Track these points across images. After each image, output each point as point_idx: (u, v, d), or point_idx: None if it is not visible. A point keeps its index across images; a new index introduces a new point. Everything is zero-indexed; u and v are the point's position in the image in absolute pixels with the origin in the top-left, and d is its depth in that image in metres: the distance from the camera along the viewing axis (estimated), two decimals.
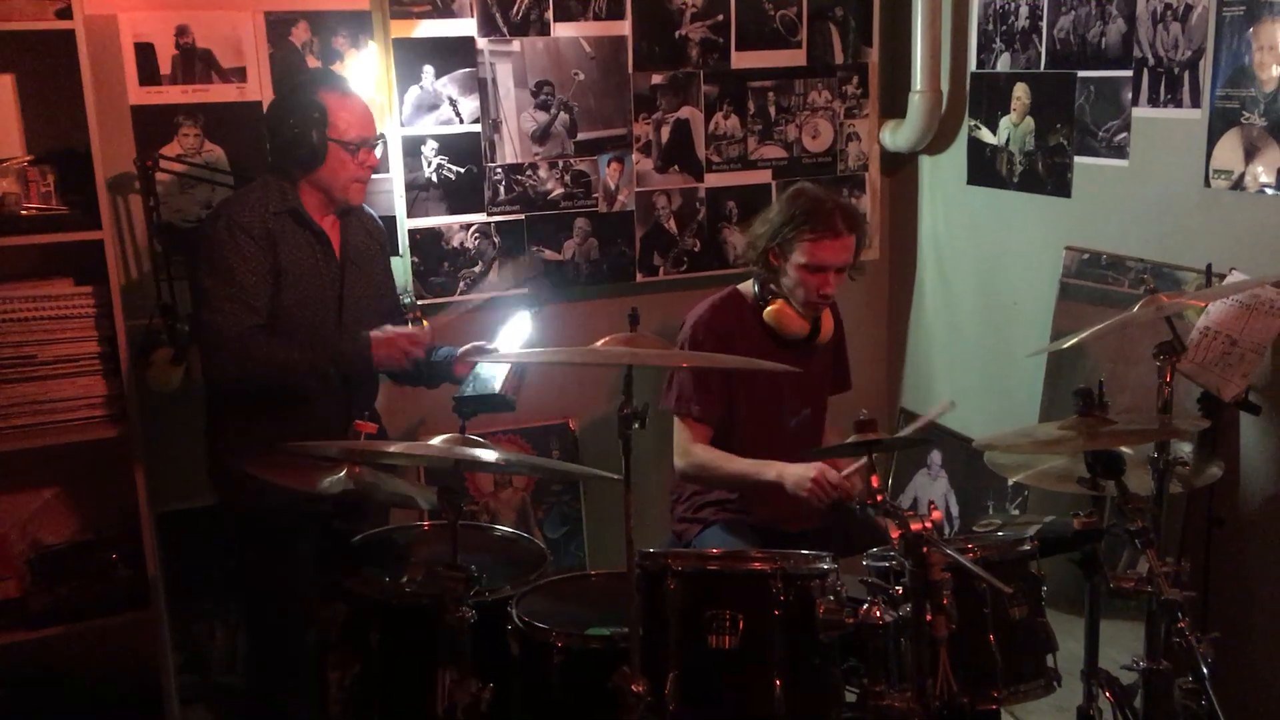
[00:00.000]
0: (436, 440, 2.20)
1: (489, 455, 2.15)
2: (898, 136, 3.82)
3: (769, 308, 2.99)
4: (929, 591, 1.89)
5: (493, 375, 2.86)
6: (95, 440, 2.93)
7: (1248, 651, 2.84)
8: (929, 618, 1.91)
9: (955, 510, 3.83)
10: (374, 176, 3.31)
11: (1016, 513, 3.46)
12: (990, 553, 2.19)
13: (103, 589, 3.00)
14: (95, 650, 3.08)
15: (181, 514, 3.24)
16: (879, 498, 2.00)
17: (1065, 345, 2.30)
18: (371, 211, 3.06)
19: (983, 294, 3.72)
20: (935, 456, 3.92)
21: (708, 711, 2.06)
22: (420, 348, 2.80)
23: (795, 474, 2.78)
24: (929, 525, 1.90)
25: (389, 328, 2.81)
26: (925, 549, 1.89)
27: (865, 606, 2.01)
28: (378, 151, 2.87)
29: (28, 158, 2.94)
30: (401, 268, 3.44)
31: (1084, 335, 2.28)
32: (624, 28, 3.51)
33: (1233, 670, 2.84)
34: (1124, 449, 2.39)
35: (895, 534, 1.91)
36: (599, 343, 2.04)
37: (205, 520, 3.12)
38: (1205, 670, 2.15)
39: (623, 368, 1.99)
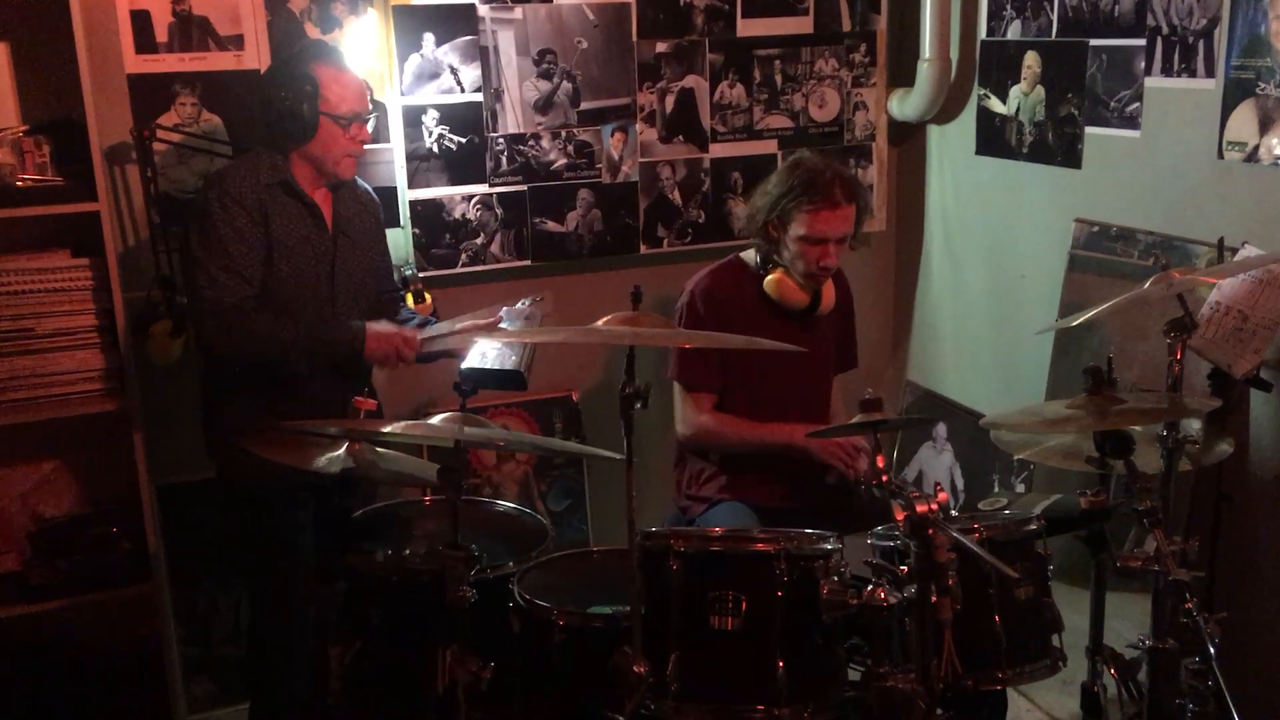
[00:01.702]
0: (438, 419, 2.18)
1: (490, 434, 2.12)
2: (906, 106, 3.76)
3: (769, 277, 2.96)
4: (934, 573, 1.87)
5: (506, 351, 2.81)
6: (94, 414, 2.91)
7: (1253, 629, 2.82)
8: (934, 599, 1.88)
9: (960, 484, 3.81)
10: (374, 147, 3.31)
11: (1022, 489, 3.44)
12: (996, 533, 2.17)
13: (103, 562, 2.97)
14: (97, 623, 3.07)
15: (182, 486, 3.22)
16: (884, 478, 1.98)
17: (1075, 323, 2.27)
18: (366, 185, 3.02)
19: (991, 266, 3.67)
20: (940, 430, 3.89)
21: (710, 692, 2.04)
22: (412, 351, 2.76)
23: (807, 434, 2.78)
24: (934, 507, 1.87)
25: (385, 323, 2.78)
26: (931, 531, 1.87)
27: (870, 588, 1.99)
28: (370, 126, 2.83)
29: (23, 128, 2.90)
30: (403, 239, 3.40)
31: (1094, 312, 2.24)
32: None
33: (1238, 647, 2.82)
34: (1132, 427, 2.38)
35: (900, 515, 1.88)
36: (601, 321, 2.01)
37: (206, 492, 3.09)
38: (1212, 650, 2.13)
39: (624, 346, 1.95)
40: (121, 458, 2.97)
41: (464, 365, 2.84)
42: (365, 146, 2.86)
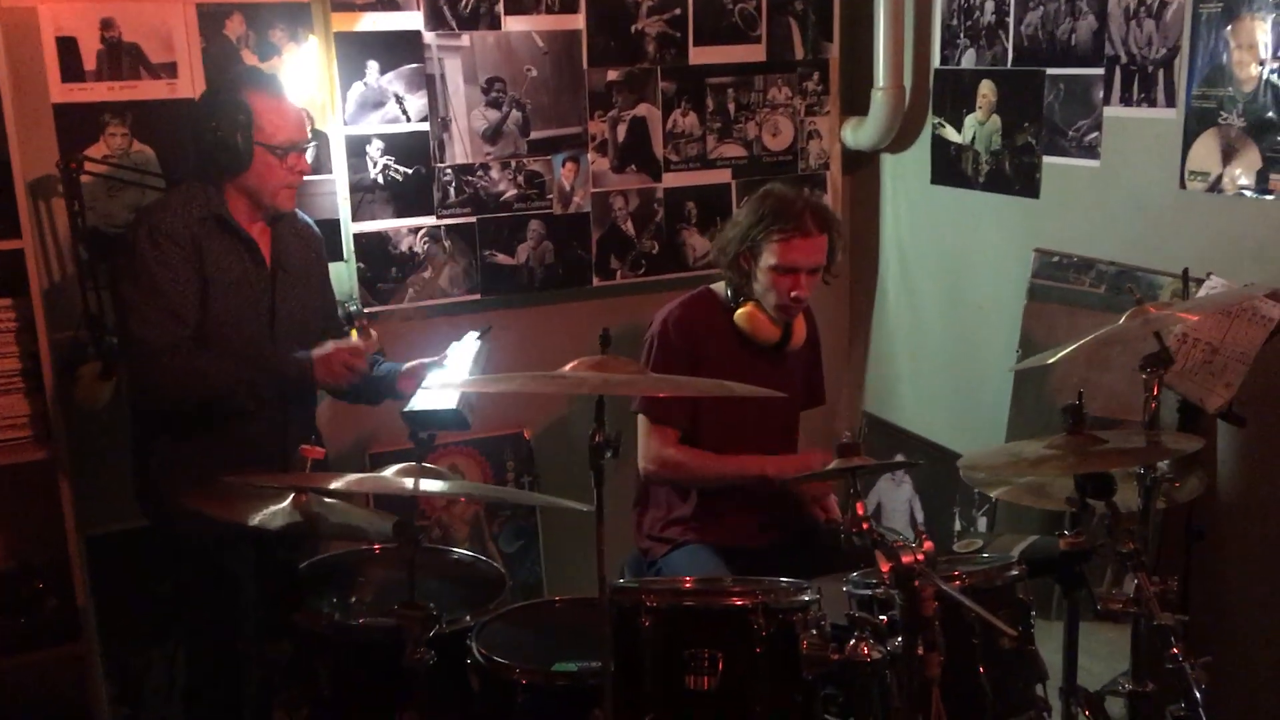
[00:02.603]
0: (390, 471, 2.05)
1: (448, 487, 2.00)
2: (859, 134, 3.71)
3: (740, 310, 2.89)
4: (921, 627, 1.78)
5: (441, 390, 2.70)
6: (19, 463, 2.74)
7: (1228, 668, 2.77)
8: (920, 653, 1.79)
9: (920, 517, 3.75)
10: (317, 178, 3.19)
11: (984, 523, 3.39)
12: (978, 580, 2.09)
13: (29, 621, 2.81)
14: (21, 684, 2.89)
15: (113, 536, 3.05)
16: (865, 525, 1.89)
17: (1050, 360, 2.21)
18: (307, 219, 2.90)
19: (948, 297, 3.62)
20: (922, 463, 3.83)
21: None
22: (361, 360, 2.65)
23: (779, 465, 2.74)
24: (920, 557, 1.79)
25: (329, 343, 2.66)
26: (916, 582, 1.78)
27: (851, 643, 1.90)
28: (310, 156, 2.73)
29: None
30: (346, 273, 3.27)
31: (1070, 349, 2.18)
32: (578, 21, 3.36)
33: (1211, 687, 2.78)
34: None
35: (885, 567, 1.79)
36: (568, 366, 1.90)
37: (139, 542, 2.95)
38: (1199, 696, 2.07)
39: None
40: (48, 508, 2.81)
41: (405, 409, 2.72)
42: (305, 177, 2.74)
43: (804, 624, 1.97)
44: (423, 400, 2.66)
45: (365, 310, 3.22)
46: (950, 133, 3.49)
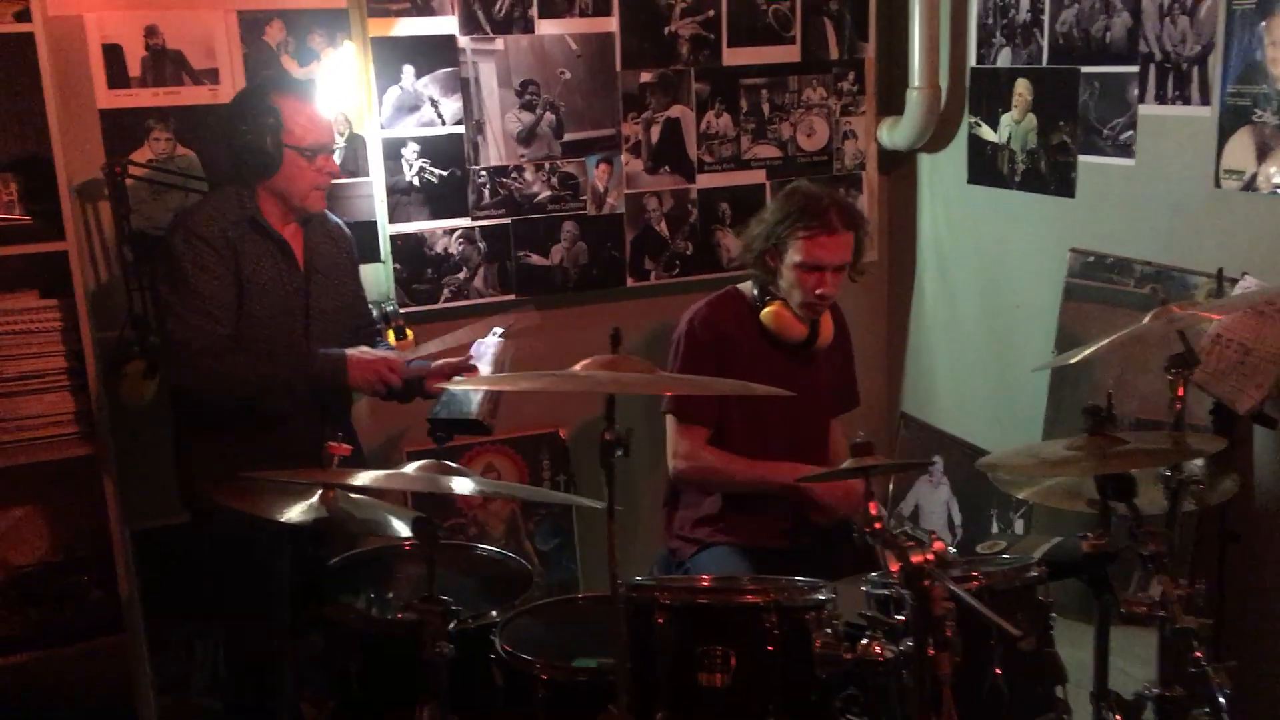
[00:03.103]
0: (411, 468, 2.09)
1: (464, 485, 2.04)
2: (895, 134, 3.70)
3: (766, 309, 2.90)
4: (931, 626, 1.78)
5: (468, 396, 2.75)
6: (65, 459, 2.82)
7: (1264, 674, 2.73)
8: (931, 653, 1.80)
9: (959, 519, 3.73)
10: (354, 180, 3.25)
11: (1021, 525, 3.36)
12: (995, 581, 2.08)
13: (75, 613, 2.90)
14: (68, 675, 2.97)
15: (158, 531, 3.13)
16: (878, 525, 1.89)
17: (1072, 360, 2.19)
18: (337, 219, 2.96)
19: (985, 296, 3.60)
20: (937, 464, 3.82)
21: None
22: (398, 375, 2.70)
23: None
24: (930, 557, 1.79)
25: (366, 350, 2.72)
26: (926, 582, 1.78)
27: (864, 642, 1.91)
28: (337, 157, 2.79)
29: None
30: (384, 275, 3.33)
31: (1090, 350, 2.17)
32: (611, 24, 3.39)
33: (1247, 692, 2.74)
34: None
35: (895, 567, 1.80)
36: (579, 365, 1.92)
37: (183, 537, 3.01)
38: (1222, 701, 2.05)
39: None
40: (94, 503, 2.89)
41: (429, 415, 2.78)
42: (337, 180, 2.81)
43: (818, 623, 1.97)
44: (447, 406, 2.71)
45: (401, 311, 3.29)
46: (986, 132, 3.47)
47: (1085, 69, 3.09)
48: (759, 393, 2.03)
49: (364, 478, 2.11)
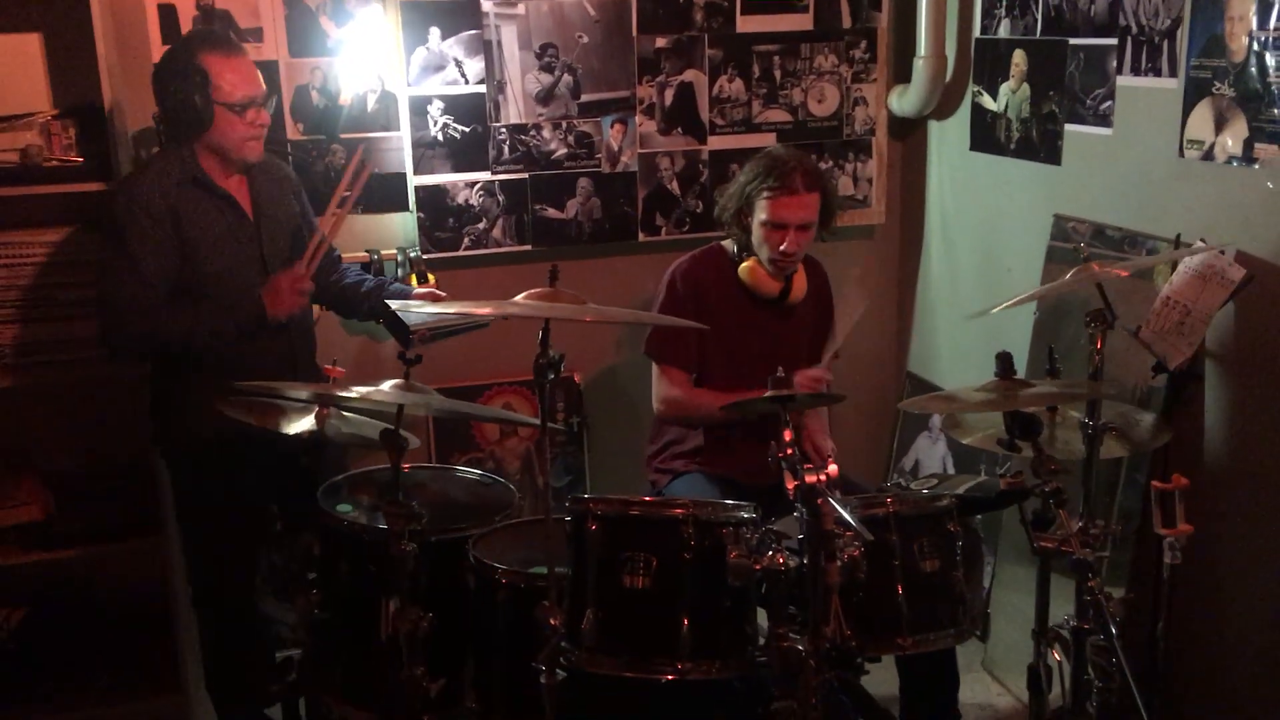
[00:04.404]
0: (386, 385, 2.35)
1: (417, 400, 2.30)
2: (904, 101, 3.84)
3: (743, 264, 3.09)
4: (822, 540, 1.98)
5: (418, 316, 2.94)
6: (109, 376, 3.13)
7: (1216, 608, 2.86)
8: (822, 563, 2.00)
9: (952, 472, 3.88)
10: (384, 135, 3.50)
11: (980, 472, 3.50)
12: (905, 508, 2.27)
13: (118, 514, 3.22)
14: (108, 570, 3.31)
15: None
16: (789, 451, 2.09)
17: (995, 310, 2.36)
18: (278, 160, 3.06)
19: (982, 260, 3.74)
20: (935, 420, 3.97)
21: (621, 646, 2.18)
22: (306, 280, 2.78)
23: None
24: (822, 478, 1.99)
25: (270, 282, 2.79)
26: (820, 500, 1.98)
27: (769, 553, 2.11)
28: (270, 108, 2.83)
29: (53, 112, 3.14)
30: (409, 223, 3.59)
31: (1010, 303, 2.33)
32: None
33: (1198, 639, 2.88)
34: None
35: (790, 485, 2.00)
36: (519, 296, 2.16)
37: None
38: (1114, 629, 2.21)
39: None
40: (136, 417, 3.19)
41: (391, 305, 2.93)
42: (265, 127, 2.82)
43: (734, 538, 2.18)
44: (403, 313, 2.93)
45: (424, 257, 3.56)
46: (987, 100, 3.60)
47: (1072, 41, 3.20)
48: (661, 322, 2.24)
49: (352, 391, 2.38)
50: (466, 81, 3.53)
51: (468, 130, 3.56)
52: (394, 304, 2.82)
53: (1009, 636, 3.45)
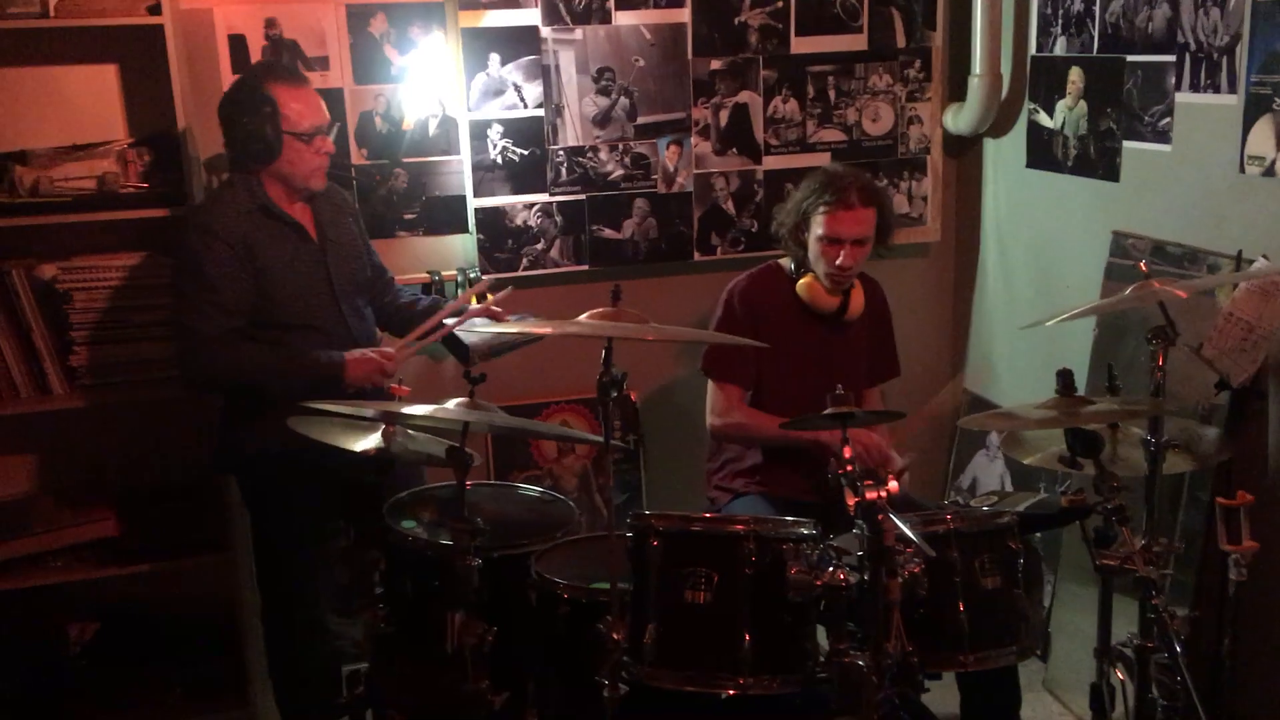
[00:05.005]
0: (452, 403, 2.40)
1: (482, 418, 2.35)
2: (959, 120, 3.85)
3: (801, 281, 3.12)
4: (882, 556, 2.00)
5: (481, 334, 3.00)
6: (180, 398, 3.22)
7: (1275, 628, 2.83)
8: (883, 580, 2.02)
9: (1011, 490, 3.87)
10: (444, 158, 3.58)
11: (1040, 491, 3.50)
12: (966, 525, 2.28)
13: (188, 530, 3.30)
14: (182, 585, 3.39)
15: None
16: (849, 468, 2.11)
17: (1049, 322, 2.36)
18: (336, 185, 3.12)
19: (1039, 275, 3.74)
20: (993, 437, 3.96)
21: (682, 660, 2.21)
22: (394, 365, 2.86)
23: (833, 435, 2.89)
24: (883, 495, 2.01)
25: (360, 351, 2.86)
26: (880, 516, 2.00)
27: (831, 570, 2.13)
28: (333, 135, 2.91)
29: (128, 140, 3.25)
30: (469, 244, 3.66)
31: (1065, 316, 2.33)
32: (684, 15, 3.64)
33: (1264, 657, 2.84)
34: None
35: (851, 501, 2.02)
36: (583, 316, 2.21)
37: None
38: (1178, 647, 2.20)
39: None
40: (202, 438, 3.28)
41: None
42: (330, 156, 2.91)
43: (795, 554, 2.20)
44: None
45: (484, 277, 3.62)
46: (1043, 118, 3.60)
47: (1130, 58, 3.20)
48: (719, 340, 2.26)
49: (418, 410, 2.43)
50: (525, 106, 3.59)
51: (526, 153, 3.62)
52: (449, 321, 2.88)
53: (1070, 656, 3.43)
